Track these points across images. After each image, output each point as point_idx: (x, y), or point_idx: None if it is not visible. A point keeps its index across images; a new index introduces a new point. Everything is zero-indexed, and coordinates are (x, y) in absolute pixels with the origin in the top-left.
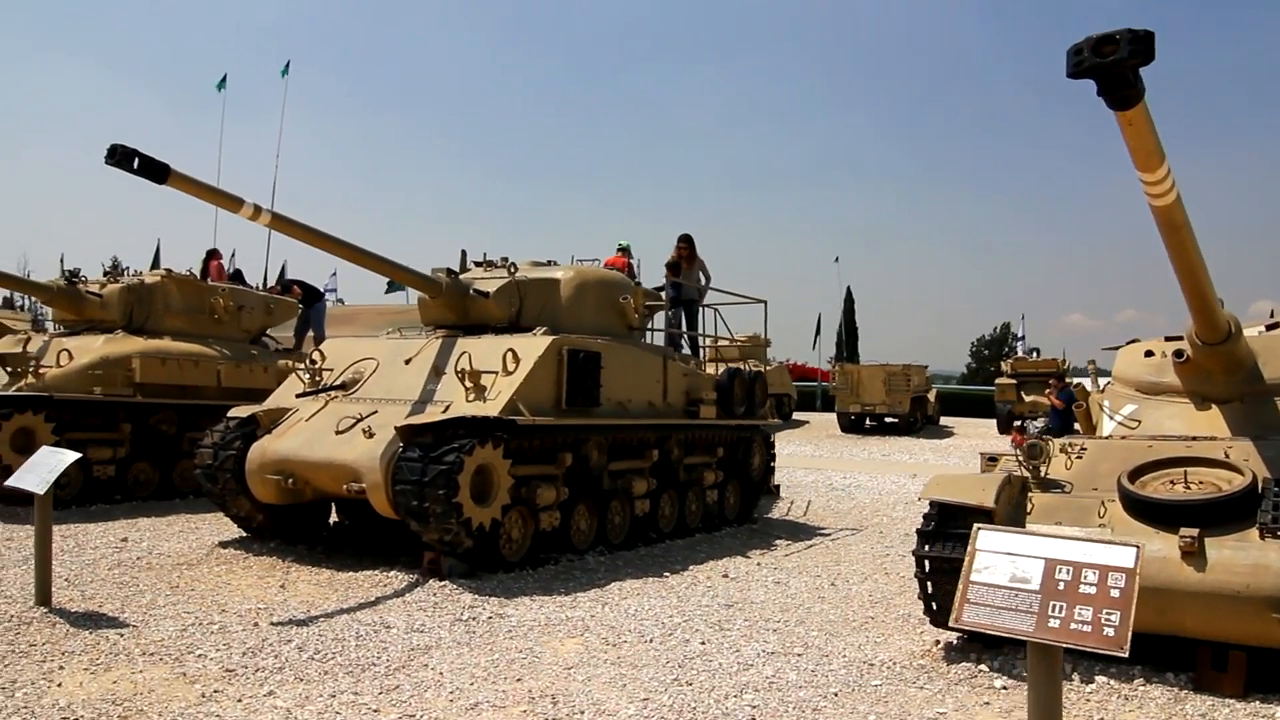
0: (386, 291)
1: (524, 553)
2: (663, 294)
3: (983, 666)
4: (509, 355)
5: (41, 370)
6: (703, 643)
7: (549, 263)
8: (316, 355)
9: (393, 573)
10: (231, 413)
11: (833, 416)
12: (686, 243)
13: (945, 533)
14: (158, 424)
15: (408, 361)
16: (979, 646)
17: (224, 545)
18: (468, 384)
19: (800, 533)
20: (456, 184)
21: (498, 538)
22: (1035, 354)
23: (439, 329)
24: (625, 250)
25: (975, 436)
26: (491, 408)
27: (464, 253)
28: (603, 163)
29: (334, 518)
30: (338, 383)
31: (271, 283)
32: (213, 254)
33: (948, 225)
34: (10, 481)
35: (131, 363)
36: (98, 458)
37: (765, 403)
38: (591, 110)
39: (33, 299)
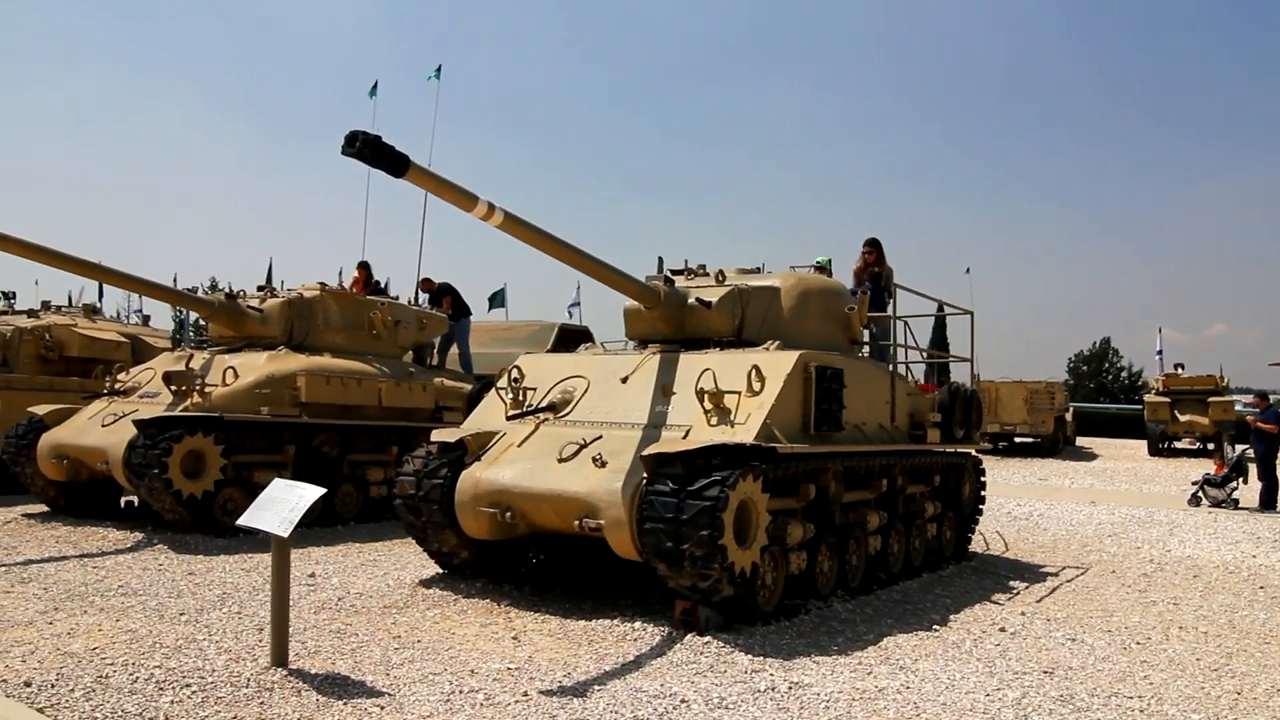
0: (489, 309)
1: (776, 600)
2: None
3: None
4: (753, 373)
5: (206, 389)
6: None
7: (755, 269)
8: (515, 372)
9: (637, 624)
10: (435, 436)
11: None
12: (873, 246)
13: None
14: (319, 445)
15: (624, 380)
16: None
17: (425, 584)
18: (708, 405)
19: (1025, 572)
20: (543, 198)
21: (756, 583)
22: (1180, 369)
23: (650, 343)
24: (825, 267)
25: (1124, 459)
26: (743, 433)
27: (661, 259)
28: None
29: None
30: (545, 403)
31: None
32: (362, 266)
33: (1032, 241)
34: (244, 520)
35: (296, 381)
36: (263, 482)
37: (981, 424)
38: (687, 122)
39: (139, 310)
